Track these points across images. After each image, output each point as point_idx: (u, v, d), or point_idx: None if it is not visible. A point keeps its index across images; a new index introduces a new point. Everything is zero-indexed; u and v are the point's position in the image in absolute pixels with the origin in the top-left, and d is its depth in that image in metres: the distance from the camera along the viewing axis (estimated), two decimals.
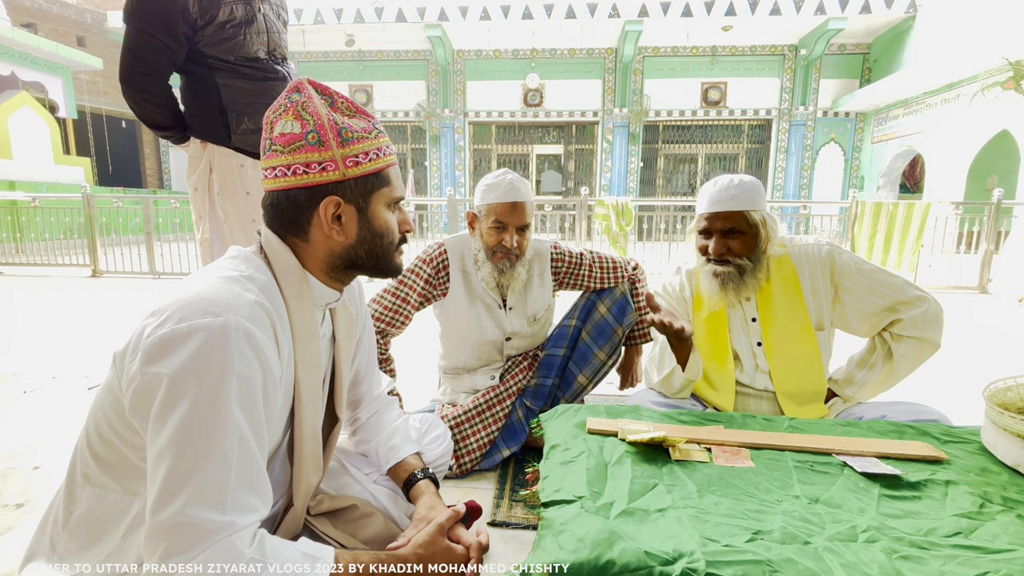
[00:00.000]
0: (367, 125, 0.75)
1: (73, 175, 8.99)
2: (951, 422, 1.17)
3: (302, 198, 0.71)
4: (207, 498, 0.56)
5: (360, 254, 0.76)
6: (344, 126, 0.72)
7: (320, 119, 0.70)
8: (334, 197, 0.71)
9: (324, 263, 0.76)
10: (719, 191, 1.28)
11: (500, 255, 1.44)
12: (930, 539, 0.69)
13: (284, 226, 0.74)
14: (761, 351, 1.33)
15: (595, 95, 11.06)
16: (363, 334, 0.98)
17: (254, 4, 1.57)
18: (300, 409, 0.74)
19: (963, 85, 7.85)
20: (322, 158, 0.70)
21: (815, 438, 0.99)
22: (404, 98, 11.37)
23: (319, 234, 0.73)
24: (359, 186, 0.73)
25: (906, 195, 10.72)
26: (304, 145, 0.70)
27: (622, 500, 0.77)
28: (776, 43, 10.52)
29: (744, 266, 1.28)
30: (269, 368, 0.64)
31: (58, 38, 10.25)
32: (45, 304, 3.97)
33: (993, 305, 4.33)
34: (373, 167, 0.74)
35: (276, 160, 0.71)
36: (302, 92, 0.72)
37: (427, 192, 11.54)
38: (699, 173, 11.44)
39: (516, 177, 1.43)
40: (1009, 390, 0.98)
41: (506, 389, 1.53)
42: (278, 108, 0.72)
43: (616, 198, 5.36)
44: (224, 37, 1.54)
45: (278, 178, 0.71)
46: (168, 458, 0.56)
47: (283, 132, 0.71)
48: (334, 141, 0.71)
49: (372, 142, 0.74)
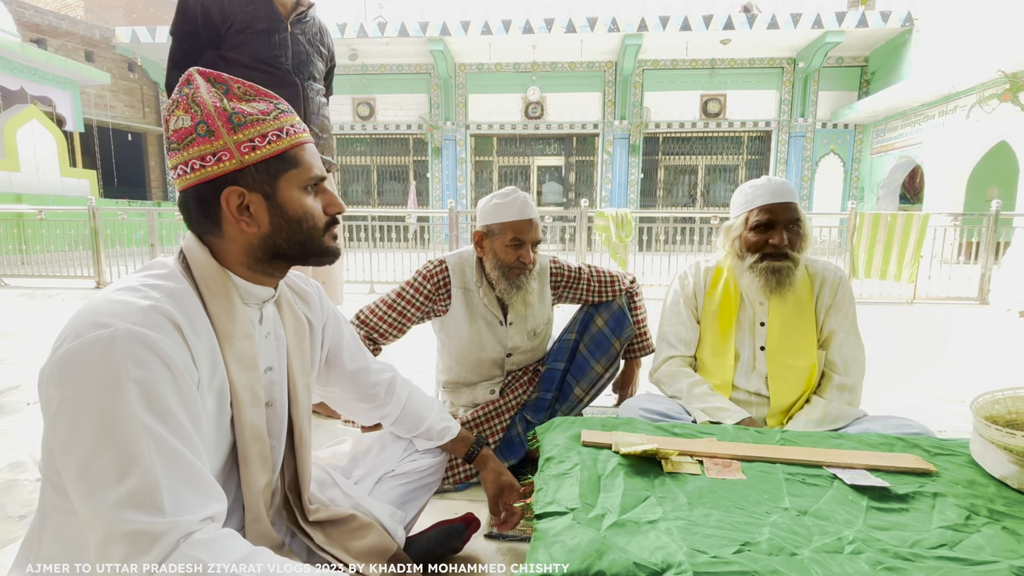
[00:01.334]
0: (266, 107, 0.71)
1: (79, 187, 9.08)
2: (934, 435, 1.18)
3: (205, 193, 0.69)
4: (139, 503, 0.55)
5: (279, 243, 0.73)
6: (235, 111, 0.68)
7: (207, 108, 0.67)
8: (235, 187, 0.68)
9: (245, 257, 0.73)
10: (778, 184, 1.32)
11: (516, 271, 1.45)
12: (915, 550, 0.71)
13: (199, 225, 0.71)
14: (762, 355, 1.35)
15: (595, 107, 11.18)
16: (340, 335, 0.97)
17: (281, 23, 1.71)
18: (239, 411, 0.73)
19: (960, 97, 7.91)
20: (215, 148, 0.67)
21: (806, 451, 1.00)
22: (406, 111, 11.50)
23: (232, 228, 0.70)
24: (261, 172, 0.69)
25: (906, 206, 10.75)
26: (196, 138, 0.67)
27: (614, 512, 0.79)
28: (774, 56, 10.63)
29: (798, 260, 1.31)
30: (178, 368, 0.61)
31: (67, 53, 10.43)
32: (49, 316, 4.00)
33: (992, 317, 4.33)
34: (275, 149, 0.70)
35: (176, 158, 0.69)
36: (192, 84, 0.69)
37: (429, 204, 11.61)
38: (699, 184, 11.50)
39: (523, 194, 1.47)
40: (997, 403, 0.99)
41: (505, 403, 1.55)
42: (171, 104, 0.70)
43: (616, 209, 5.39)
44: (243, 41, 1.69)
45: (180, 177, 0.69)
46: (87, 475, 0.56)
47: (176, 128, 0.68)
48: (223, 128, 0.67)
49: (271, 123, 0.70)
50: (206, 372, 0.68)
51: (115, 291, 0.64)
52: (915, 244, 4.77)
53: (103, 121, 11.18)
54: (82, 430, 0.56)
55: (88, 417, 0.56)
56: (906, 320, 4.23)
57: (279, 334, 0.83)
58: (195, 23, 1.65)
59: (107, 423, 0.56)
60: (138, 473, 0.56)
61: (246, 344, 0.73)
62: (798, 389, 1.33)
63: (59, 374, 0.58)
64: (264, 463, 0.77)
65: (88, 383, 0.57)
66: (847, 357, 1.35)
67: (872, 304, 4.90)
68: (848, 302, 1.38)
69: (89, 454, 0.56)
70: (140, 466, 0.56)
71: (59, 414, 0.58)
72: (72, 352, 0.58)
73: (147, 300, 0.63)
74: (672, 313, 1.47)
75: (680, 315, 1.45)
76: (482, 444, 1.13)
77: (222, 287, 0.71)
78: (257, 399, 0.75)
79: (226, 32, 1.67)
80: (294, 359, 0.84)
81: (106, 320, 0.59)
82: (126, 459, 0.56)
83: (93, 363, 0.57)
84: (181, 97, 0.69)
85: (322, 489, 0.94)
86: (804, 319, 1.35)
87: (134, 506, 0.54)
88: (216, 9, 1.65)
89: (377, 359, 1.07)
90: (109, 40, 10.92)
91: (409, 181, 11.82)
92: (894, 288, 5.20)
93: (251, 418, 0.74)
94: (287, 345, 0.83)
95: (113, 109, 11.45)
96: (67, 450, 0.57)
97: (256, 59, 1.69)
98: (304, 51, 1.79)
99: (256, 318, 0.78)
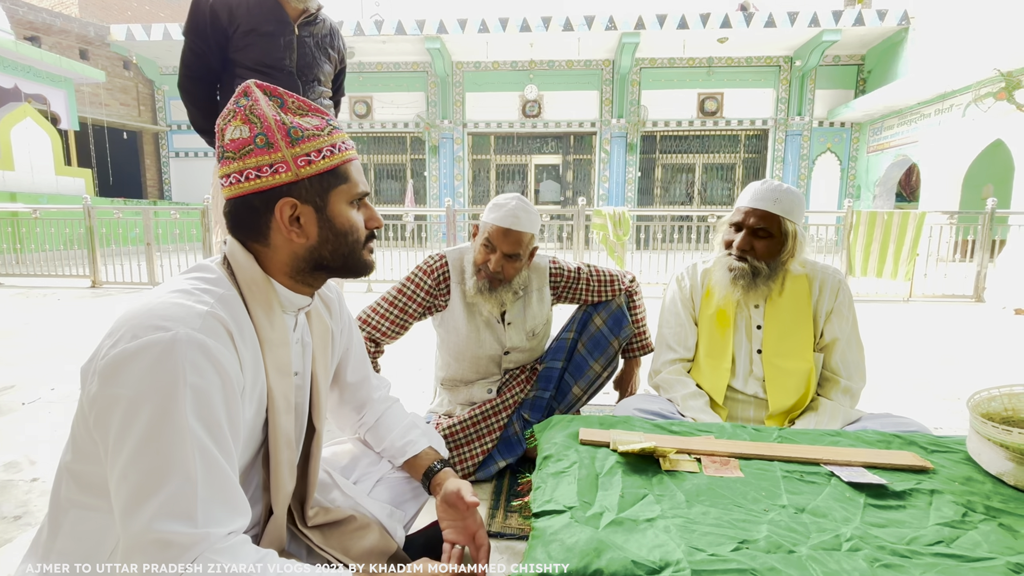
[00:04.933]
0: (320, 123, 0.73)
1: (74, 186, 9.04)
2: (931, 432, 1.18)
3: (257, 203, 0.70)
4: (175, 512, 0.56)
5: (324, 255, 0.75)
6: (293, 125, 0.70)
7: (267, 121, 0.69)
8: (289, 199, 0.70)
9: (289, 267, 0.74)
10: (765, 190, 1.31)
11: (483, 274, 1.44)
12: (912, 547, 0.71)
13: (245, 233, 0.73)
14: (759, 359, 1.35)
15: (593, 106, 11.17)
16: (350, 344, 0.98)
17: (288, 26, 1.69)
18: (274, 417, 0.74)
19: (956, 96, 7.94)
20: (272, 160, 0.69)
21: (804, 448, 1.00)
22: (404, 109, 11.47)
23: (280, 238, 0.72)
24: (315, 185, 0.72)
25: (902, 204, 10.79)
26: (253, 149, 0.69)
27: (612, 510, 0.79)
28: (771, 54, 10.64)
29: (759, 269, 1.31)
30: (228, 378, 0.63)
31: (61, 51, 10.36)
32: (44, 315, 3.98)
33: (988, 314, 4.35)
34: (328, 164, 0.72)
35: (230, 167, 0.71)
36: (250, 96, 0.71)
37: (426, 202, 11.59)
38: (696, 183, 11.51)
39: (521, 205, 1.41)
40: (993, 400, 1.00)
41: (503, 402, 1.55)
42: (227, 114, 0.72)
43: (613, 208, 5.40)
44: (248, 43, 1.68)
45: (233, 185, 0.71)
46: (131, 476, 0.56)
47: (233, 138, 0.70)
48: (283, 141, 0.69)
49: (325, 139, 0.72)
50: (250, 379, 0.69)
51: (169, 293, 0.65)
52: (911, 242, 4.79)
53: (98, 119, 11.12)
54: (133, 430, 0.57)
55: (141, 418, 0.57)
56: (902, 318, 4.25)
57: (307, 341, 0.84)
58: (204, 24, 1.65)
59: (159, 427, 0.57)
60: (180, 480, 0.57)
61: (283, 351, 0.74)
62: (796, 393, 1.33)
63: (113, 373, 0.58)
64: (292, 469, 0.79)
65: (145, 384, 0.57)
66: (850, 361, 1.35)
67: (869, 302, 4.91)
68: (848, 306, 1.37)
69: (136, 454, 0.56)
70: (183, 473, 0.57)
71: (109, 412, 0.58)
72: (130, 352, 0.58)
73: (203, 305, 0.64)
74: (670, 315, 1.47)
75: (679, 316, 1.45)
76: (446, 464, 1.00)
77: (265, 294, 0.73)
78: (289, 405, 0.77)
79: (233, 34, 1.66)
80: (319, 365, 0.86)
81: (166, 324, 0.60)
82: (171, 464, 0.57)
83: (152, 365, 0.58)
84: (239, 108, 0.71)
85: (323, 491, 0.94)
86: (801, 323, 1.35)
87: (169, 513, 0.55)
88: (224, 11, 1.65)
89: (376, 375, 1.08)
90: (104, 38, 10.85)
91: (406, 180, 11.80)
92: (890, 286, 5.22)
93: (284, 424, 0.76)
94: (313, 351, 0.85)
95: (108, 107, 11.38)
96: (115, 449, 0.57)
97: (259, 62, 1.68)
98: (311, 54, 1.78)
99: (291, 325, 0.80)
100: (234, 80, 1.71)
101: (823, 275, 1.39)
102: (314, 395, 0.86)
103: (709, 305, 1.41)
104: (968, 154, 7.90)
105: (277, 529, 0.79)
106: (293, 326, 0.80)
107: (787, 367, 1.33)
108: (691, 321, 1.44)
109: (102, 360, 0.59)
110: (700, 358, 1.41)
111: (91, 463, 0.64)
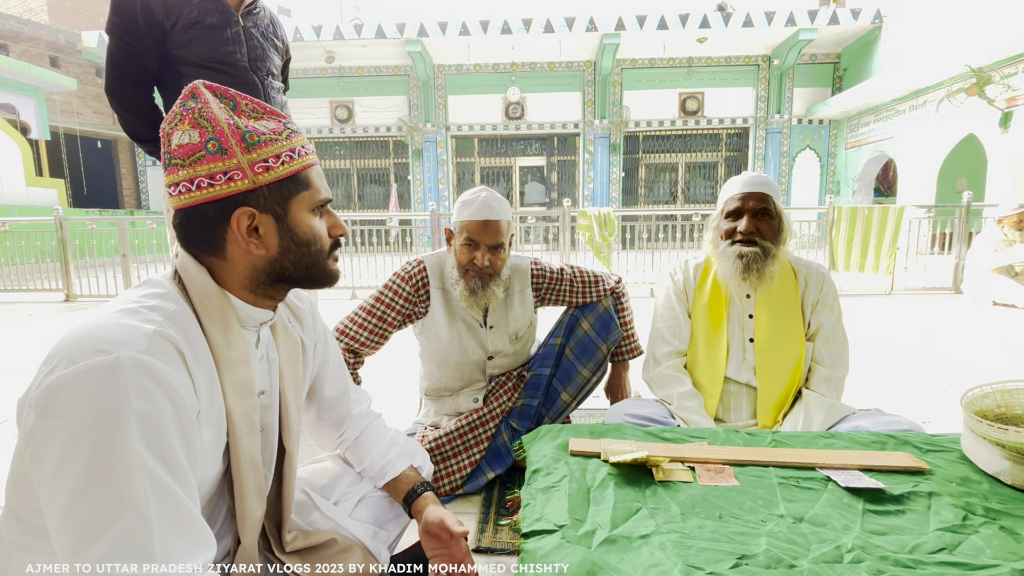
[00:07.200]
0: (277, 126, 0.68)
1: (46, 197, 8.78)
2: (922, 429, 1.18)
3: (211, 213, 0.65)
4: (128, 551, 0.51)
5: (286, 266, 0.70)
6: (248, 129, 0.66)
7: (219, 125, 0.64)
8: (246, 208, 0.65)
9: (247, 280, 0.69)
10: (752, 177, 1.37)
11: (472, 274, 1.41)
12: (915, 556, 0.69)
13: (198, 246, 0.68)
14: (752, 347, 1.38)
15: (575, 107, 11.19)
16: (326, 356, 0.93)
17: (232, 16, 1.58)
18: (236, 440, 0.69)
19: (930, 92, 8.10)
20: (227, 167, 0.64)
21: (799, 452, 0.98)
22: (386, 113, 11.37)
23: (237, 250, 0.67)
24: (274, 193, 0.67)
25: (881, 199, 10.99)
26: (205, 155, 0.64)
27: (604, 527, 0.75)
28: (750, 53, 10.77)
29: (769, 249, 1.34)
30: (181, 401, 0.58)
31: (31, 59, 10.08)
32: (15, 332, 3.84)
33: (967, 306, 4.43)
34: (287, 170, 0.67)
35: (178, 175, 0.65)
36: (198, 98, 0.65)
37: (411, 207, 11.50)
38: (679, 182, 11.60)
39: (491, 195, 1.40)
40: (986, 397, 0.98)
41: (490, 411, 1.50)
42: (173, 118, 0.66)
43: (599, 208, 5.39)
44: (191, 38, 1.54)
45: (183, 194, 0.65)
46: (73, 519, 0.51)
47: (181, 143, 0.64)
48: (237, 147, 0.64)
49: (284, 144, 0.68)
50: (205, 401, 0.64)
51: (113, 313, 0.60)
52: (891, 236, 4.86)
53: (70, 128, 10.84)
54: (73, 466, 0.51)
55: (81, 452, 0.51)
56: (885, 311, 4.30)
57: (272, 357, 0.79)
58: (134, 19, 1.50)
59: (102, 460, 0.51)
60: (131, 516, 0.51)
61: (243, 370, 0.69)
62: (784, 380, 1.36)
63: (49, 403, 0.52)
64: (260, 493, 0.74)
65: (84, 415, 0.52)
66: (833, 351, 1.39)
67: (852, 296, 4.97)
68: (833, 297, 1.42)
69: (79, 492, 0.51)
70: (133, 509, 0.52)
71: (46, 447, 0.52)
72: (66, 379, 0.53)
73: (150, 324, 0.59)
74: (665, 309, 1.50)
75: (673, 310, 1.48)
76: (428, 487, 0.95)
77: (221, 310, 0.68)
78: (253, 427, 0.71)
79: (172, 28, 1.52)
80: (287, 382, 0.81)
81: (106, 346, 0.54)
82: (119, 500, 0.51)
83: (91, 393, 0.52)
84: (186, 111, 0.65)
85: (302, 513, 0.90)
86: (791, 312, 1.39)
87: (121, 554, 0.50)
88: (158, 4, 1.50)
89: (357, 387, 1.03)
90: (75, 45, 10.58)
91: (390, 184, 11.69)
92: (872, 280, 5.28)
93: (248, 447, 0.70)
94: (280, 368, 0.80)
95: (81, 116, 11.10)
96: (53, 487, 0.52)
97: (207, 58, 1.55)
98: (259, 45, 1.65)
99: (252, 341, 0.74)
100: (180, 80, 1.56)
101: (808, 269, 1.43)
102: (283, 414, 0.81)
103: (702, 298, 1.44)
104: (942, 149, 8.07)
105: (248, 559, 0.74)
106: (255, 342, 0.75)
107: (779, 354, 1.36)
108: (685, 314, 1.47)
109: (36, 390, 0.54)
110: (696, 350, 1.43)
111: (35, 503, 0.58)
